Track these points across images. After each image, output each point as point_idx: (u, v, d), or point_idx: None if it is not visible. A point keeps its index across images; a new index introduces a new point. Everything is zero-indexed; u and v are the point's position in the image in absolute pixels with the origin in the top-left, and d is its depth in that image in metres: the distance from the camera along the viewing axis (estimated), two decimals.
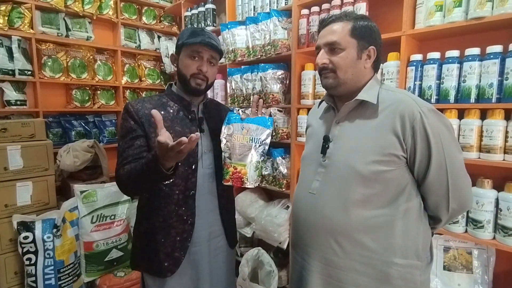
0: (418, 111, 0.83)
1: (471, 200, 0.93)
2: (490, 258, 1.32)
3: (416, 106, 0.84)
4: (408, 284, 0.87)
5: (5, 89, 2.38)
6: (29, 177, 1.89)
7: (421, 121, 0.83)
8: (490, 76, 1.20)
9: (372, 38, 0.91)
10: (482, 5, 1.19)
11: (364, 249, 0.87)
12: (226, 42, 2.23)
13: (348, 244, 0.88)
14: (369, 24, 0.91)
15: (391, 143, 0.85)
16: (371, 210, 0.87)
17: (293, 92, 1.90)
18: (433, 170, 0.84)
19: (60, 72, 2.62)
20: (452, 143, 0.86)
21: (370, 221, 0.87)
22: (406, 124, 0.84)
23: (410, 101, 0.86)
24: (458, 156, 0.88)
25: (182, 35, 1.12)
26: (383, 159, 0.85)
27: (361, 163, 0.86)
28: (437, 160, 0.84)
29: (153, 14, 3.21)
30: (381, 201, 0.87)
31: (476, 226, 1.25)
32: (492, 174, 1.28)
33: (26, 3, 2.40)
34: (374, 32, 0.92)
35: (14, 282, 1.86)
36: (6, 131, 1.85)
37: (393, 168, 0.85)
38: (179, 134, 1.06)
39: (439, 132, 0.84)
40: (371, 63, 0.93)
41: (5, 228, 1.81)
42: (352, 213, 0.87)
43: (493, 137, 1.19)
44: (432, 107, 0.87)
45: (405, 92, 0.95)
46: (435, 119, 0.84)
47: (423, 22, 1.36)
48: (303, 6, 1.82)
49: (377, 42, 0.92)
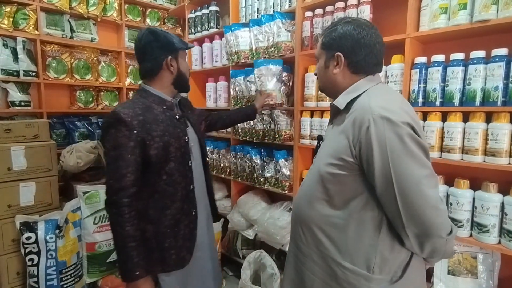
0: (368, 118, 0.79)
1: (434, 225, 0.76)
2: (495, 262, 1.31)
3: (369, 113, 0.79)
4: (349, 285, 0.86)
5: (9, 90, 2.40)
6: (33, 177, 1.90)
7: (368, 128, 0.78)
8: (495, 79, 1.19)
9: (339, 45, 0.90)
10: (487, 8, 1.19)
11: (319, 243, 0.92)
12: (230, 44, 2.23)
13: (309, 235, 0.95)
14: (343, 30, 0.90)
15: (343, 148, 0.84)
16: (328, 209, 0.90)
17: (296, 94, 1.90)
18: (378, 183, 0.79)
19: (64, 73, 2.64)
20: (405, 157, 0.76)
21: (327, 219, 0.90)
22: (356, 130, 0.81)
23: (367, 107, 0.81)
24: (413, 172, 0.76)
25: (171, 40, 1.18)
26: (337, 162, 0.86)
27: (322, 164, 0.91)
28: (382, 172, 0.78)
29: (157, 16, 3.22)
30: (336, 203, 0.88)
31: (481, 230, 1.24)
32: (497, 178, 1.26)
33: (31, 5, 2.42)
34: (345, 38, 0.90)
35: (16, 283, 1.86)
36: (10, 132, 1.86)
37: (346, 173, 0.85)
38: (173, 135, 1.16)
39: (387, 142, 0.77)
40: (341, 69, 0.92)
41: (8, 228, 1.81)
42: (313, 208, 0.93)
43: (499, 141, 1.18)
44: (388, 115, 0.77)
45: (383, 96, 0.86)
46: (385, 127, 0.77)
47: (427, 25, 1.35)
48: (306, 9, 1.82)
49: (346, 47, 0.90)
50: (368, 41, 0.89)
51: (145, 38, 1.15)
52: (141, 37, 1.16)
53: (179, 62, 1.21)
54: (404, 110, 0.81)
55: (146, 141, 1.09)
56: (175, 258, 1.18)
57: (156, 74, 1.18)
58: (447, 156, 1.31)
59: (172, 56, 1.18)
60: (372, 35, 0.89)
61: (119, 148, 1.05)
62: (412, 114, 0.84)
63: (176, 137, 1.16)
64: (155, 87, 1.20)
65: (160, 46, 1.15)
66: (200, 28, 2.69)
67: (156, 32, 1.16)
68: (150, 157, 1.10)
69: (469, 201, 1.27)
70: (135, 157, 1.07)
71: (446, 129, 1.31)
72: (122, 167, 1.05)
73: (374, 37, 0.89)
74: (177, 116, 1.21)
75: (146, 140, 1.09)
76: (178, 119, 1.21)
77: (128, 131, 1.06)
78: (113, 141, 1.06)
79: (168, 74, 1.19)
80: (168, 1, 3.31)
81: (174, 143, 1.15)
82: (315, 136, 1.81)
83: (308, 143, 1.85)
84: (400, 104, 0.84)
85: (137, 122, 1.08)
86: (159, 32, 1.16)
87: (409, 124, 0.77)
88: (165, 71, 1.18)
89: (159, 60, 1.16)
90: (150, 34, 1.15)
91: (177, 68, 1.20)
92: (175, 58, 1.19)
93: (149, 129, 1.10)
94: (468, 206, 1.27)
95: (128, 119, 1.06)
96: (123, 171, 1.05)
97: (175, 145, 1.16)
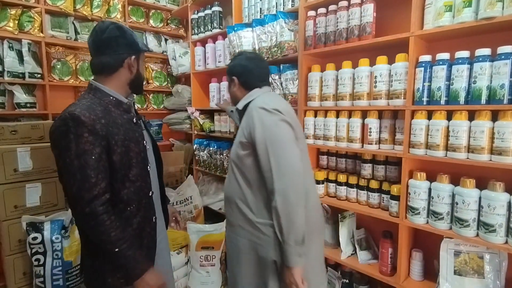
0: (253, 109, 1.19)
1: None
2: (502, 262, 1.29)
3: (254, 107, 1.19)
4: (267, 236, 1.17)
5: (15, 92, 2.42)
6: (38, 178, 1.91)
7: (252, 115, 1.17)
8: (501, 77, 1.18)
9: (233, 72, 1.35)
10: (492, 5, 1.17)
11: (241, 211, 1.24)
12: (233, 44, 2.23)
13: (235, 207, 1.26)
14: (234, 63, 1.36)
15: (242, 134, 1.21)
16: (242, 183, 1.23)
17: (300, 94, 1.89)
18: (259, 150, 1.14)
19: (69, 75, 2.66)
20: (274, 127, 1.14)
21: (242, 191, 1.23)
22: (247, 119, 1.20)
23: (253, 105, 1.21)
24: (282, 138, 1.14)
25: (136, 40, 1.14)
26: (240, 146, 1.21)
27: (232, 151, 1.27)
28: (260, 141, 1.13)
29: (160, 17, 3.24)
30: (245, 177, 1.22)
31: (487, 230, 1.22)
32: (504, 177, 1.25)
33: (36, 7, 2.44)
34: (236, 67, 1.34)
35: (23, 283, 1.88)
36: (16, 133, 1.88)
37: (246, 152, 1.19)
38: (133, 140, 1.11)
39: (263, 119, 1.15)
40: (237, 87, 1.34)
41: (14, 229, 1.83)
42: (233, 185, 1.26)
43: (505, 139, 1.17)
44: (263, 106, 1.17)
45: (264, 99, 1.23)
46: (261, 112, 1.16)
47: (432, 23, 1.34)
48: (309, 8, 1.82)
49: (238, 72, 1.33)
50: (250, 68, 1.32)
51: (110, 32, 1.08)
52: (105, 29, 1.08)
53: (139, 63, 1.17)
54: (277, 104, 1.18)
55: (110, 145, 1.02)
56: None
57: (114, 72, 1.11)
58: (452, 155, 1.29)
59: (135, 56, 1.14)
60: (254, 63, 1.33)
61: (84, 155, 0.96)
62: (284, 107, 1.20)
63: (135, 142, 1.12)
64: (110, 85, 1.11)
65: (125, 43, 1.10)
66: (203, 28, 2.69)
67: (123, 28, 1.11)
68: (114, 163, 1.03)
69: (475, 201, 1.26)
70: (103, 163, 1.00)
71: (452, 128, 1.30)
72: (91, 176, 0.96)
73: (255, 64, 1.33)
74: (134, 119, 1.16)
75: (110, 144, 1.02)
76: (135, 122, 1.17)
77: (92, 136, 0.98)
78: (76, 148, 0.96)
79: (127, 73, 1.13)
80: (171, 2, 3.32)
81: (134, 148, 1.10)
82: (319, 136, 1.81)
83: (312, 142, 1.85)
84: (276, 102, 1.21)
85: (100, 126, 1.00)
86: (125, 29, 1.12)
87: (277, 110, 1.16)
88: (125, 70, 1.12)
89: (122, 57, 1.10)
90: (116, 29, 1.09)
91: (136, 69, 1.16)
92: (137, 59, 1.15)
93: (112, 133, 1.03)
94: (474, 206, 1.26)
95: (91, 123, 0.98)
96: (93, 180, 0.97)
97: (135, 149, 1.10)
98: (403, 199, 1.48)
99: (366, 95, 1.58)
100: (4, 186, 1.79)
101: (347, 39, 1.63)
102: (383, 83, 1.51)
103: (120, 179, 1.06)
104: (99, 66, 1.11)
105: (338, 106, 1.71)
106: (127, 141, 1.08)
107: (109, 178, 1.03)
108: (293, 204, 1.08)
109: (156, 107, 3.33)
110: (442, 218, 1.35)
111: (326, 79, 1.74)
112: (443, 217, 1.34)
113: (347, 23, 1.62)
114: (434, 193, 1.37)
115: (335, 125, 1.73)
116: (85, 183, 0.96)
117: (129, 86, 1.17)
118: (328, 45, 1.73)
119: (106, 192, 1.01)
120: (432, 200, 1.38)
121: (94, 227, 0.98)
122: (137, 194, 1.11)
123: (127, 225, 1.08)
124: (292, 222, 1.08)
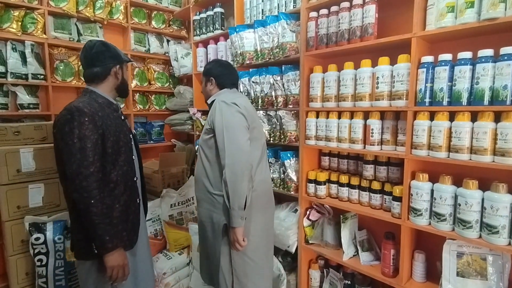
0: (216, 102, 1.48)
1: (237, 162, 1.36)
2: (505, 264, 1.29)
3: (218, 100, 1.48)
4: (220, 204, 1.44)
5: (18, 93, 2.44)
6: (41, 179, 1.92)
7: (215, 106, 1.47)
8: (504, 78, 1.17)
9: (211, 73, 1.62)
10: (495, 6, 1.17)
11: (203, 186, 1.51)
12: (235, 46, 2.24)
13: (200, 183, 1.54)
14: (210, 66, 1.66)
15: (207, 122, 1.49)
16: (206, 162, 1.50)
17: (302, 94, 1.89)
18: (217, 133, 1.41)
19: (71, 76, 2.68)
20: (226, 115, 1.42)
21: (204, 169, 1.51)
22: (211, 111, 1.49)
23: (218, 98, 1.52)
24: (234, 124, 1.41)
25: (119, 53, 1.40)
26: (206, 131, 1.50)
27: (201, 137, 1.54)
28: (219, 127, 1.41)
29: (162, 19, 3.25)
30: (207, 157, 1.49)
31: (490, 231, 1.22)
32: (507, 178, 1.24)
33: (39, 9, 2.46)
34: (212, 70, 1.63)
35: (25, 283, 1.89)
36: (19, 134, 1.89)
37: (209, 136, 1.46)
38: (122, 132, 1.35)
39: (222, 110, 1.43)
40: (213, 86, 1.62)
41: (17, 229, 1.84)
42: (200, 165, 1.55)
43: (508, 140, 1.16)
44: (224, 100, 1.46)
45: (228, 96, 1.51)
46: (222, 104, 1.44)
47: (434, 24, 1.34)
48: (311, 9, 1.82)
49: (214, 75, 1.61)
50: (226, 72, 1.63)
51: (97, 48, 1.33)
52: (93, 46, 1.33)
53: (123, 71, 1.43)
54: (235, 100, 1.46)
55: (105, 134, 1.25)
56: (126, 239, 1.34)
57: (104, 79, 1.36)
58: (455, 156, 1.29)
59: (119, 66, 1.39)
60: (228, 70, 1.65)
61: (85, 139, 1.18)
62: (241, 103, 1.46)
63: (124, 134, 1.36)
64: (101, 90, 1.36)
65: (110, 56, 1.36)
66: (205, 29, 2.70)
67: (107, 44, 1.38)
68: (107, 148, 1.26)
69: (478, 202, 1.25)
70: (98, 148, 1.22)
71: (454, 129, 1.29)
72: (89, 156, 1.18)
73: (229, 71, 1.65)
74: (122, 117, 1.43)
75: (105, 133, 1.25)
76: (123, 120, 1.43)
77: (92, 125, 1.20)
78: (78, 133, 1.18)
79: (114, 79, 1.39)
80: (174, 3, 3.33)
81: (123, 138, 1.35)
82: (321, 137, 1.81)
83: (314, 143, 1.84)
84: (236, 98, 1.48)
85: (97, 117, 1.24)
86: (109, 44, 1.39)
87: (235, 103, 1.44)
88: (112, 77, 1.38)
89: (109, 67, 1.36)
90: (102, 45, 1.35)
91: (121, 76, 1.42)
92: (121, 68, 1.41)
93: (106, 124, 1.27)
94: (477, 207, 1.25)
95: (91, 114, 1.22)
96: (90, 159, 1.18)
97: (124, 140, 1.35)
98: (405, 200, 1.47)
99: (368, 96, 1.58)
100: (7, 186, 1.80)
101: (349, 40, 1.63)
102: (385, 84, 1.51)
103: (111, 162, 1.28)
104: (91, 75, 1.35)
105: (340, 107, 1.71)
106: (117, 132, 1.32)
107: (102, 161, 1.24)
108: (237, 175, 1.33)
109: (158, 108, 3.34)
110: (445, 219, 1.34)
111: (328, 80, 1.74)
112: (446, 219, 1.34)
113: (349, 24, 1.62)
114: (437, 194, 1.37)
115: (337, 126, 1.73)
116: (84, 161, 1.17)
117: (116, 90, 1.42)
118: (330, 46, 1.73)
119: (99, 172, 1.22)
120: (434, 201, 1.38)
121: (86, 199, 1.17)
122: (124, 177, 1.34)
123: (115, 201, 1.29)
124: (236, 190, 1.33)
